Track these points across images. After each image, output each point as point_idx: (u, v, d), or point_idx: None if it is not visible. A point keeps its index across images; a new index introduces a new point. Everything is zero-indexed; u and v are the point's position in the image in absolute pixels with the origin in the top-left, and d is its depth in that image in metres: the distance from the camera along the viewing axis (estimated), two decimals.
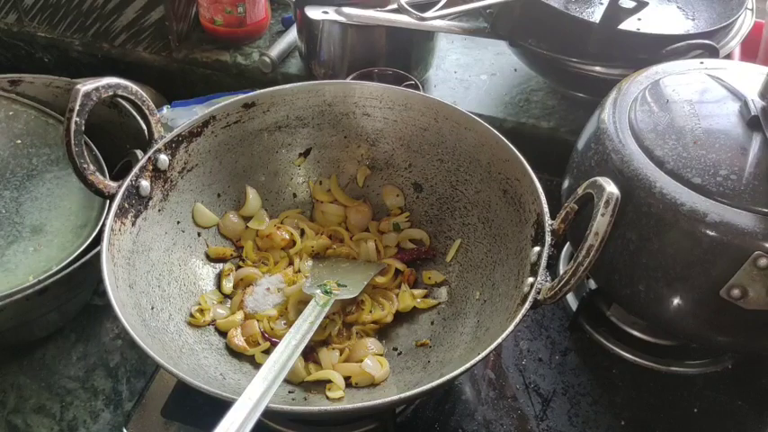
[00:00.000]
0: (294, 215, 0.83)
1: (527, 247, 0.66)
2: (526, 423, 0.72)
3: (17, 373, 0.76)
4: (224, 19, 1.06)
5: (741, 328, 0.65)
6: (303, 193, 0.85)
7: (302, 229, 0.82)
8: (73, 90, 0.63)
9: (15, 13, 1.13)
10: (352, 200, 0.84)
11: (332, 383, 0.68)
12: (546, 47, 0.89)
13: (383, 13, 0.94)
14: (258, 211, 0.82)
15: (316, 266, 0.78)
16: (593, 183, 0.58)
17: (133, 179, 0.69)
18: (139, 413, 0.72)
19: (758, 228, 0.59)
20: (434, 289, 0.78)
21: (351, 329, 0.74)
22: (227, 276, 0.77)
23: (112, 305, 0.59)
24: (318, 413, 0.62)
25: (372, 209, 0.84)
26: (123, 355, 0.78)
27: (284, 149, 0.83)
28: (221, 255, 0.78)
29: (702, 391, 0.75)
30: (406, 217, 0.82)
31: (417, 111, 0.79)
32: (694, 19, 0.91)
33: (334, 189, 0.84)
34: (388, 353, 0.73)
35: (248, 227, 0.81)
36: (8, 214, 0.79)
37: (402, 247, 0.81)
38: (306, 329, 0.65)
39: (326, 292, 0.71)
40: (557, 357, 0.78)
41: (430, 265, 0.80)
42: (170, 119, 0.98)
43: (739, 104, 0.68)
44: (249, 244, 0.80)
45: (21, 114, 0.86)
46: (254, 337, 0.72)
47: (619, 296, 0.71)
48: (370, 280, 0.75)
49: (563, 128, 0.98)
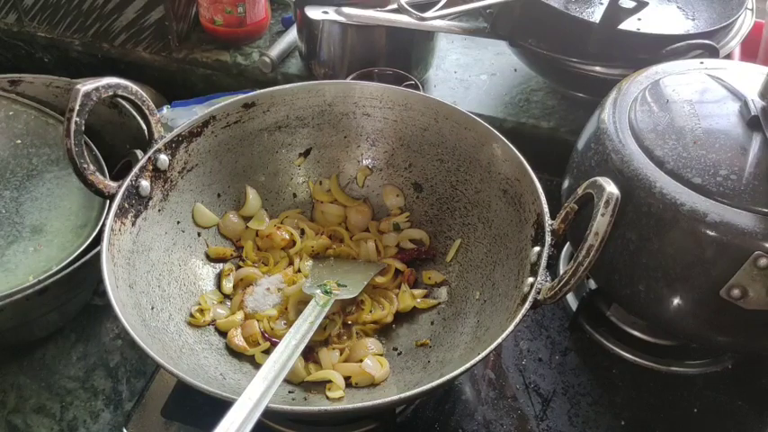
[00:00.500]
0: (294, 215, 0.83)
1: (527, 247, 0.66)
2: (526, 423, 0.72)
3: (17, 373, 0.76)
4: (224, 19, 1.06)
5: (741, 328, 0.65)
6: (303, 193, 0.85)
7: (302, 229, 0.82)
8: (73, 90, 0.63)
9: (15, 13, 1.13)
10: (352, 200, 0.84)
11: (332, 383, 0.68)
12: (546, 47, 0.89)
13: (383, 13, 0.94)
14: (258, 211, 0.82)
15: (316, 266, 0.78)
16: (593, 183, 0.58)
17: (133, 179, 0.69)
18: (139, 413, 0.72)
19: (758, 228, 0.59)
20: (434, 289, 0.78)
21: (351, 329, 0.74)
22: (227, 276, 0.77)
23: (112, 305, 0.59)
24: (318, 413, 0.62)
25: (372, 209, 0.84)
26: (123, 355, 0.78)
27: (284, 149, 0.83)
28: (221, 255, 0.78)
29: (702, 391, 0.75)
30: (406, 217, 0.82)
31: (417, 111, 0.79)
32: (694, 19, 0.91)
33: (334, 189, 0.84)
34: (388, 353, 0.73)
35: (248, 227, 0.81)
36: (8, 214, 0.79)
37: (402, 247, 0.81)
38: (306, 329, 0.65)
39: (326, 292, 0.71)
40: (557, 357, 0.78)
41: (430, 265, 0.80)
42: (170, 119, 0.98)
43: (739, 104, 0.68)
44: (249, 244, 0.80)
45: (21, 114, 0.86)
46: (254, 337, 0.72)
47: (619, 296, 0.71)
48: (370, 280, 0.75)
49: (563, 128, 0.98)
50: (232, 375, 0.68)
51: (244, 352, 0.71)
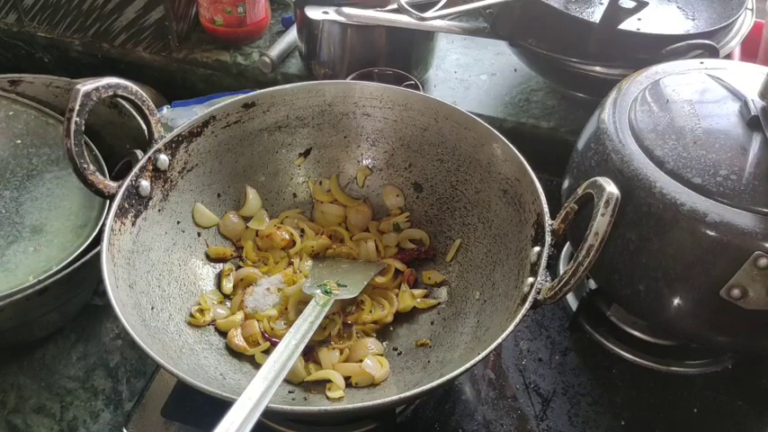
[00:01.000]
0: (294, 215, 0.83)
1: (527, 247, 0.66)
2: (526, 423, 0.72)
3: (17, 373, 0.76)
4: (224, 19, 1.06)
5: (741, 328, 0.65)
6: (303, 193, 0.85)
7: (302, 229, 0.82)
8: (73, 90, 0.63)
9: (15, 13, 1.13)
10: (352, 200, 0.84)
11: (332, 383, 0.68)
12: (546, 47, 0.89)
13: (383, 13, 0.94)
14: (258, 211, 0.82)
15: (316, 266, 0.78)
16: (593, 183, 0.58)
17: (133, 179, 0.69)
18: (139, 413, 0.72)
19: (758, 228, 0.59)
20: (434, 289, 0.78)
21: (351, 329, 0.74)
22: (227, 276, 0.77)
23: (112, 305, 0.59)
24: (318, 413, 0.62)
25: (372, 209, 0.84)
26: (123, 355, 0.78)
27: (284, 149, 0.83)
28: (221, 255, 0.78)
29: (702, 391, 0.75)
30: (406, 217, 0.82)
31: (417, 111, 0.79)
32: (694, 19, 0.91)
33: (333, 189, 0.84)
34: (388, 353, 0.73)
35: (248, 227, 0.81)
36: (8, 214, 0.79)
37: (402, 247, 0.81)
38: (306, 329, 0.65)
39: (326, 292, 0.71)
40: (557, 357, 0.78)
41: (430, 265, 0.80)
42: (170, 119, 0.98)
43: (739, 104, 0.68)
44: (249, 244, 0.80)
45: (21, 114, 0.86)
46: (254, 337, 0.72)
47: (619, 296, 0.71)
48: (370, 280, 0.75)
49: (563, 128, 0.98)
50: (232, 375, 0.68)
51: (244, 352, 0.71)
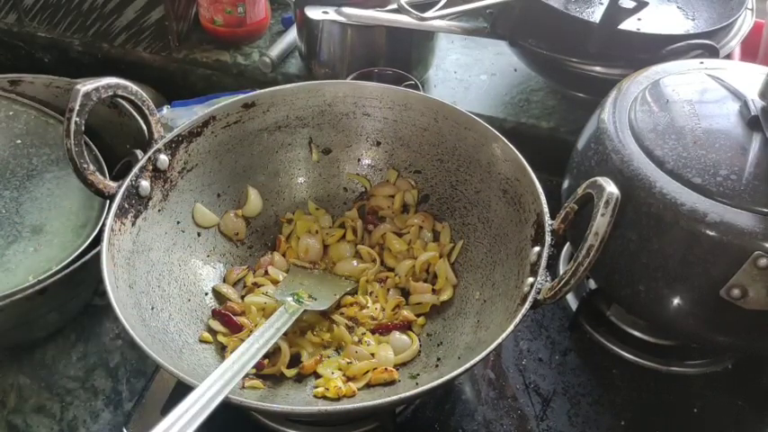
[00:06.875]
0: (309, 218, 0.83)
1: (527, 247, 0.66)
2: (526, 423, 0.72)
3: (17, 373, 0.76)
4: (224, 19, 1.06)
5: (741, 328, 0.65)
6: (303, 194, 0.85)
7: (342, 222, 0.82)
8: (73, 90, 0.63)
9: (15, 13, 1.13)
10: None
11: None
12: (546, 47, 0.89)
13: (383, 13, 0.94)
14: (258, 211, 0.82)
15: (292, 274, 0.78)
16: (593, 183, 0.58)
17: (133, 179, 0.69)
18: (139, 413, 0.72)
19: (758, 228, 0.59)
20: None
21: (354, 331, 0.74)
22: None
23: (112, 305, 0.59)
24: (318, 413, 0.62)
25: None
26: (123, 355, 0.78)
27: (284, 149, 0.83)
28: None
29: (702, 391, 0.75)
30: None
31: (417, 111, 0.79)
32: (694, 19, 0.91)
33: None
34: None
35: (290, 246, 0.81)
36: (8, 214, 0.79)
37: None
38: (270, 335, 0.65)
39: (298, 300, 0.71)
40: (557, 357, 0.78)
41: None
42: (170, 119, 0.98)
43: (739, 104, 0.68)
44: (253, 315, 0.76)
45: (21, 114, 0.86)
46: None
47: (619, 296, 0.71)
48: (341, 297, 0.75)
49: (563, 128, 0.97)
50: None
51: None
